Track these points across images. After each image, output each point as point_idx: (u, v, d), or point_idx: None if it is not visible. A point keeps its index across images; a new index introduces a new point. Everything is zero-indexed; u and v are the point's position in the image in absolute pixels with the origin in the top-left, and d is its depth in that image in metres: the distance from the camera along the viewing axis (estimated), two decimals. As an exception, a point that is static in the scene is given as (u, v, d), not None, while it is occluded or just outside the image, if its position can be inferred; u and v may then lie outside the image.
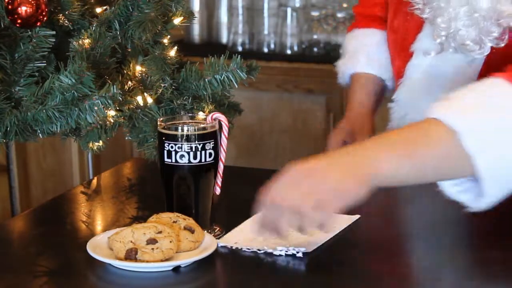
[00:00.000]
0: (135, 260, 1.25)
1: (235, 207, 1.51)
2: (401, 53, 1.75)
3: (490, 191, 1.28)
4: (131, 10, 1.60)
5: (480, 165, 1.26)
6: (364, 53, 1.93)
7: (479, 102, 1.29)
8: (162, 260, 1.25)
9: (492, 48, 1.57)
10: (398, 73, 1.77)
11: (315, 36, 3.43)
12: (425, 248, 1.37)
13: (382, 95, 1.93)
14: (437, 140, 1.27)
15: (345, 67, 1.96)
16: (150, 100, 1.60)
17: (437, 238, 1.41)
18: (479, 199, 1.30)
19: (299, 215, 1.22)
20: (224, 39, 3.62)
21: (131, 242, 1.27)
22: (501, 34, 1.54)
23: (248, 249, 1.33)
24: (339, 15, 3.42)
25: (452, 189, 1.33)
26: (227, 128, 1.43)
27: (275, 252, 1.32)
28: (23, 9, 1.48)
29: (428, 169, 1.28)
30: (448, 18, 1.57)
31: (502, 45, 1.54)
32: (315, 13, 3.44)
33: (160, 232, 1.27)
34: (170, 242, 1.26)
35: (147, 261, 1.25)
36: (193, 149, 1.39)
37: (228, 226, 1.41)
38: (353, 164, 1.25)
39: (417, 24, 1.69)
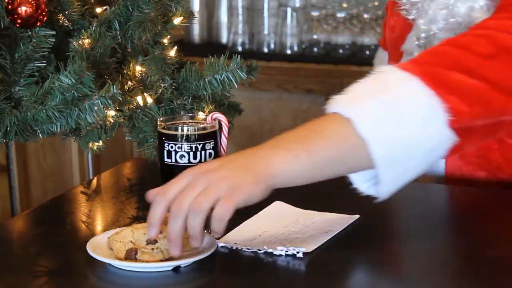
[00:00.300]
0: (135, 260, 1.25)
1: (235, 207, 1.51)
2: (394, 52, 1.76)
3: (386, 177, 1.30)
4: (131, 10, 1.60)
5: (374, 150, 1.27)
6: None
7: (370, 89, 1.31)
8: (162, 260, 1.25)
9: None
10: None
11: (315, 36, 3.43)
12: (425, 248, 1.37)
13: None
14: (333, 132, 1.28)
15: None
16: (150, 100, 1.60)
17: (437, 238, 1.41)
18: (380, 186, 1.32)
19: (200, 214, 1.22)
20: (224, 39, 3.62)
21: (131, 242, 1.27)
22: None
23: (248, 249, 1.33)
24: (339, 15, 3.42)
25: (363, 186, 1.35)
26: (227, 128, 1.43)
27: (275, 252, 1.32)
28: (23, 9, 1.48)
29: (327, 163, 1.29)
30: (428, 20, 1.58)
31: None
32: (315, 13, 3.45)
33: (160, 232, 1.27)
34: None
35: (147, 261, 1.25)
36: (193, 149, 1.39)
37: (228, 226, 1.41)
38: (248, 164, 1.25)
39: (409, 24, 1.70)
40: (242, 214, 1.43)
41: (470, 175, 1.66)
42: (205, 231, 1.35)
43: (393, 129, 1.28)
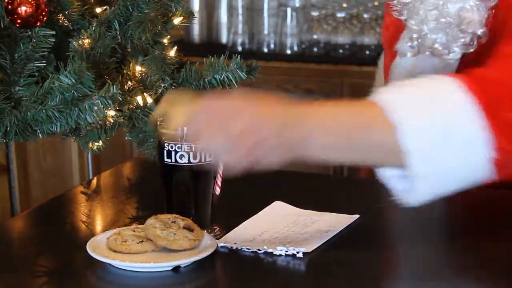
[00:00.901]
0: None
1: (235, 207, 1.51)
2: (389, 51, 1.76)
3: (422, 190, 1.30)
4: (131, 10, 1.60)
5: (415, 163, 1.28)
6: None
7: (428, 100, 1.30)
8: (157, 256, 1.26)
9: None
10: (386, 71, 1.78)
11: (315, 36, 3.43)
12: (425, 248, 1.37)
13: None
14: (379, 135, 1.28)
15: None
16: (150, 100, 1.60)
17: (437, 238, 1.41)
18: (410, 194, 1.32)
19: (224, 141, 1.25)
20: (224, 39, 3.62)
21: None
22: (469, 40, 1.54)
23: (248, 249, 1.33)
24: (339, 15, 3.42)
25: (387, 173, 1.34)
26: (227, 128, 1.43)
27: (275, 252, 1.32)
28: (23, 9, 1.48)
29: (362, 160, 1.31)
30: (419, 20, 1.58)
31: (471, 50, 1.55)
32: (315, 13, 3.45)
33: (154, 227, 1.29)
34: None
35: (135, 251, 1.26)
36: (193, 149, 1.39)
37: (228, 226, 1.41)
38: (291, 135, 1.26)
39: (403, 24, 1.70)
40: (242, 214, 1.43)
41: None
42: (205, 231, 1.35)
43: (439, 145, 1.28)
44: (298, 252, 1.32)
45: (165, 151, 1.40)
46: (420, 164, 1.28)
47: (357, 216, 1.46)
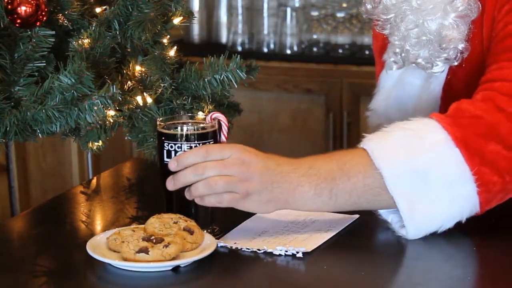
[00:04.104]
0: (147, 254, 1.25)
1: (235, 207, 1.51)
2: (379, 60, 1.76)
3: (411, 227, 1.36)
4: (130, 10, 1.60)
5: (401, 206, 1.34)
6: None
7: (408, 145, 1.35)
8: (163, 260, 1.25)
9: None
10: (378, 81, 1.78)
11: (314, 36, 3.43)
12: (424, 247, 1.37)
13: None
14: (362, 180, 1.35)
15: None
16: (149, 100, 1.60)
17: (436, 237, 1.41)
18: (403, 228, 1.37)
19: (209, 191, 1.33)
20: (223, 39, 3.62)
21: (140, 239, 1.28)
22: (452, 55, 1.55)
23: (248, 249, 1.34)
24: (339, 15, 3.42)
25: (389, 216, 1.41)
26: (226, 128, 1.43)
27: (275, 252, 1.32)
28: (23, 9, 1.47)
29: (345, 205, 1.37)
30: (401, 37, 1.58)
31: (455, 64, 1.55)
32: (314, 13, 3.45)
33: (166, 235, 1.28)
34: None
35: (147, 261, 1.25)
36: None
37: (228, 226, 1.41)
38: (277, 183, 1.35)
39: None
40: (242, 214, 1.43)
41: None
42: (205, 231, 1.35)
43: (420, 188, 1.34)
44: (297, 252, 1.32)
45: (164, 151, 1.40)
46: (404, 206, 1.34)
47: (357, 216, 1.46)
